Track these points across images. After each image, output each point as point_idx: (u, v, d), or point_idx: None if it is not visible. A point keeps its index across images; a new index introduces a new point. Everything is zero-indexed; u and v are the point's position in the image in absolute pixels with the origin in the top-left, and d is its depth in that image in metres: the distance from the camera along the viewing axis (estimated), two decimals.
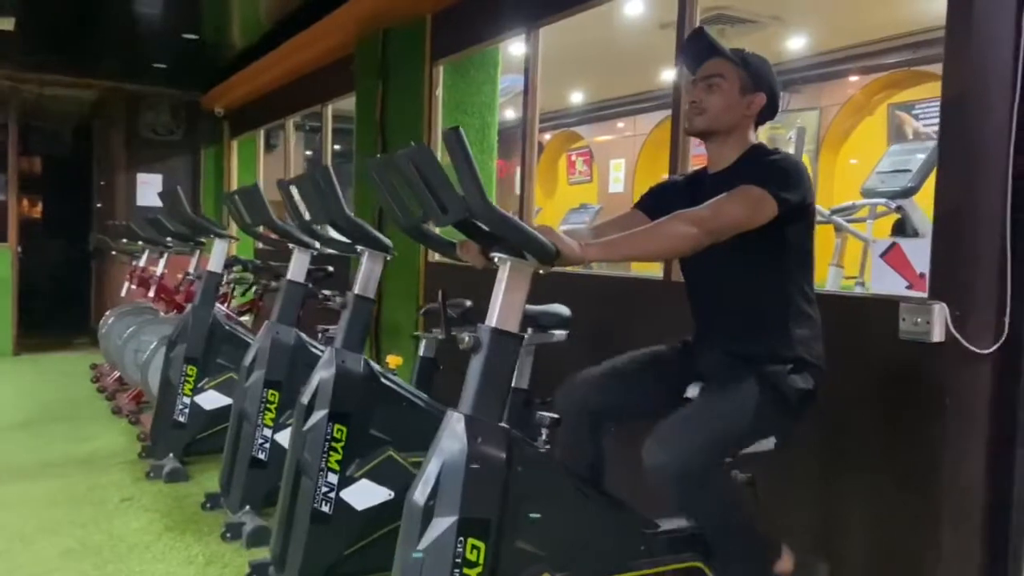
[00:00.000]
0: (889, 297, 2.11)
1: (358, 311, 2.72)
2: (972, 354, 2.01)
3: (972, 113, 2.01)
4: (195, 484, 3.77)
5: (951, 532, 2.02)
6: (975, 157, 2.01)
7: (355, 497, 2.63)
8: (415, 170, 1.50)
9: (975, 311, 2.01)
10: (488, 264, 1.82)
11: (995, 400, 2.06)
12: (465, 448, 1.63)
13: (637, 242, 1.70)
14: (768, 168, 1.84)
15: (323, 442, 2.59)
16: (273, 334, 3.31)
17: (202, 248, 5.06)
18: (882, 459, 2.12)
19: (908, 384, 2.08)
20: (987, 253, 2.02)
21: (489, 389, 1.68)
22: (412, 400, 2.79)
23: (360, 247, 2.72)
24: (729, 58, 1.96)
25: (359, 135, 5.20)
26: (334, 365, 2.64)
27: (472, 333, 1.70)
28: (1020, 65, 2.00)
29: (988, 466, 2.06)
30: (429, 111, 4.54)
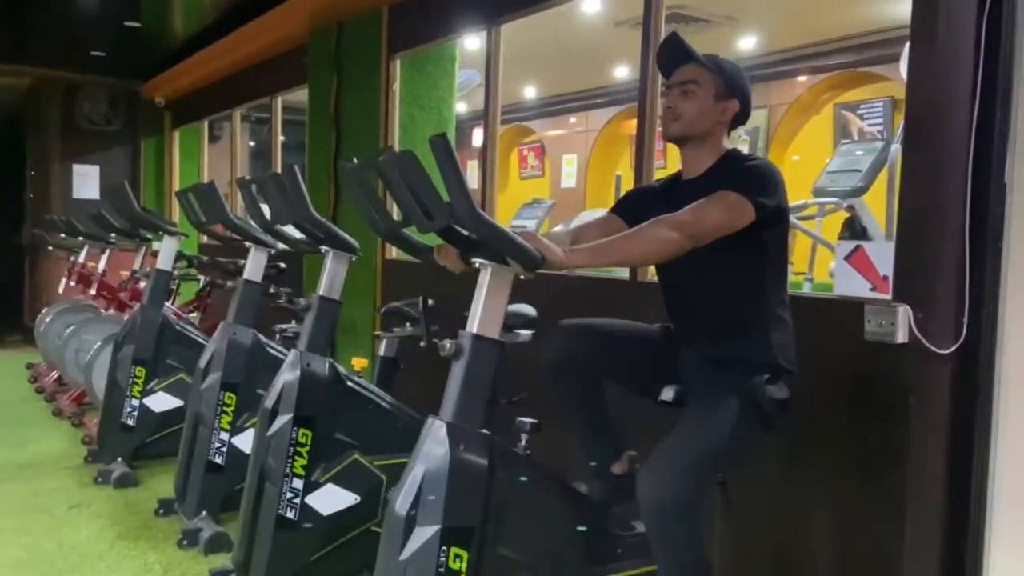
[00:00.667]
0: (854, 299, 2.17)
1: (323, 313, 2.67)
2: (933, 354, 2.07)
3: (935, 122, 2.07)
4: (146, 489, 3.66)
5: (914, 524, 2.08)
6: (937, 164, 2.07)
7: (321, 502, 2.58)
8: (399, 175, 1.47)
9: (936, 313, 2.07)
10: (466, 269, 1.80)
11: (954, 398, 2.12)
12: (448, 456, 1.61)
13: (620, 247, 1.70)
14: (745, 173, 1.86)
15: (288, 447, 2.53)
16: (230, 335, 3.24)
17: (148, 244, 4.91)
18: (849, 456, 2.18)
19: (873, 383, 2.14)
20: (948, 257, 2.08)
21: (470, 396, 1.67)
22: (378, 403, 2.75)
23: (324, 247, 2.66)
24: (704, 64, 1.97)
25: (312, 128, 5.10)
26: (298, 368, 2.59)
27: (453, 340, 1.67)
28: (979, 77, 2.06)
29: (948, 461, 2.13)
30: (386, 105, 4.48)
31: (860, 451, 2.16)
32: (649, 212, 2.08)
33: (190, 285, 5.84)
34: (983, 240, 2.09)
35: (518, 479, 1.71)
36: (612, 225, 2.07)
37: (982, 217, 2.09)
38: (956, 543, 2.13)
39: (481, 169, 3.86)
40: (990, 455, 2.03)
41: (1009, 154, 2.09)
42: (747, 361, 1.92)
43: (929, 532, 2.12)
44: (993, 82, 2.06)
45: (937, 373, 2.11)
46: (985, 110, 2.07)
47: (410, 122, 4.58)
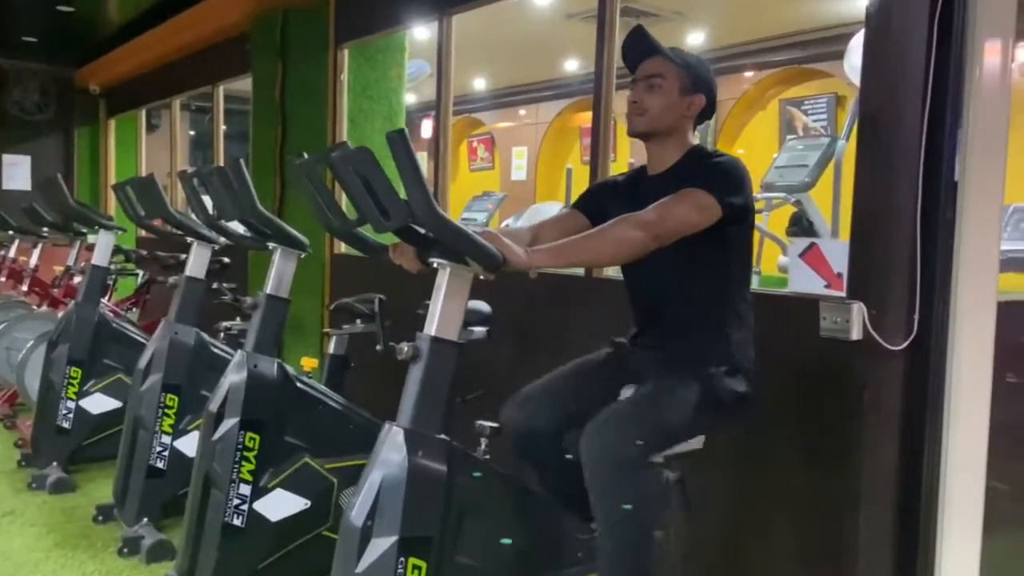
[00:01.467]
0: (810, 296, 2.18)
1: (271, 312, 2.58)
2: (886, 351, 2.09)
3: (888, 121, 2.08)
4: (83, 495, 3.51)
5: (868, 515, 2.11)
6: (890, 163, 2.08)
7: (269, 508, 2.50)
8: (353, 172, 1.41)
9: (889, 310, 2.09)
10: (423, 269, 1.75)
11: (906, 393, 2.15)
12: (405, 464, 1.56)
13: (584, 247, 1.67)
14: (712, 171, 1.84)
15: (234, 452, 2.45)
16: (171, 334, 3.12)
17: (83, 239, 4.72)
18: (805, 450, 2.19)
19: (828, 379, 2.15)
20: (900, 255, 2.10)
21: (429, 400, 1.62)
22: (329, 404, 2.67)
23: (272, 244, 2.58)
24: (670, 58, 1.95)
25: (256, 119, 4.96)
26: (245, 370, 2.50)
27: (411, 343, 1.62)
28: (930, 77, 2.08)
29: (900, 454, 2.15)
30: (334, 96, 4.37)
31: (815, 444, 2.18)
32: (612, 208, 2.06)
33: (127, 281, 5.64)
34: (934, 238, 2.11)
35: (477, 485, 1.67)
36: (574, 221, 2.04)
37: (933, 215, 2.11)
38: (908, 531, 2.16)
39: (433, 161, 3.79)
40: (942, 447, 2.06)
41: (959, 153, 2.11)
42: (704, 356, 1.91)
43: (882, 521, 2.14)
44: (944, 82, 2.08)
45: (889, 369, 2.13)
46: (936, 109, 2.08)
47: (359, 113, 4.48)
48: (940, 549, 2.06)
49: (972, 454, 2.06)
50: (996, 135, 2.04)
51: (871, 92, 2.10)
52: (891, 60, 2.08)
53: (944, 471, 2.07)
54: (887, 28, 2.07)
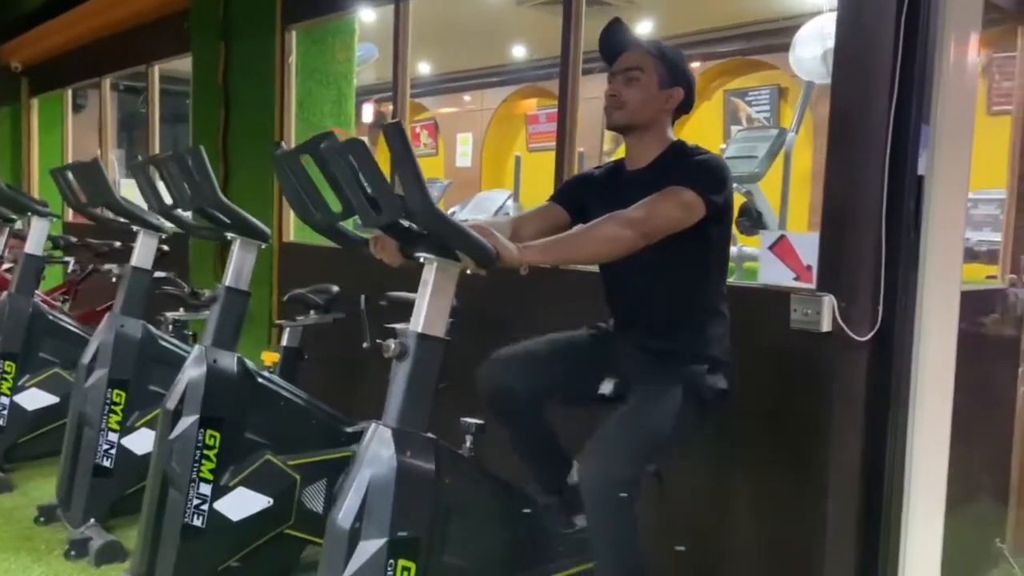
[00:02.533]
0: (781, 288, 2.20)
1: (230, 305, 2.49)
2: (853, 342, 2.13)
3: (857, 118, 2.11)
4: (22, 495, 3.35)
5: (835, 501, 2.15)
6: (860, 158, 2.12)
7: (231, 508, 2.42)
8: (345, 165, 1.35)
9: (856, 302, 2.13)
10: (405, 263, 1.70)
11: (870, 383, 2.20)
12: (394, 464, 1.52)
13: (574, 245, 1.65)
14: (695, 168, 1.84)
15: (194, 450, 2.36)
16: (117, 327, 2.99)
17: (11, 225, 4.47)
18: (775, 440, 2.22)
19: (798, 370, 2.18)
20: (867, 248, 2.14)
21: (416, 398, 1.58)
22: (291, 399, 2.60)
23: (231, 234, 2.48)
24: (648, 51, 1.93)
25: (197, 101, 4.77)
26: (204, 365, 2.41)
27: (397, 339, 1.58)
28: (898, 73, 2.12)
29: (864, 442, 2.20)
30: (281, 79, 4.23)
31: (785, 436, 2.21)
32: (591, 201, 2.05)
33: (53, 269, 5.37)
34: (899, 231, 2.16)
35: (464, 484, 1.64)
36: (553, 214, 2.02)
37: (898, 208, 2.16)
38: (870, 519, 2.22)
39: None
40: (907, 435, 2.12)
41: (925, 147, 2.16)
42: (686, 353, 1.92)
43: (847, 510, 2.19)
44: (910, 78, 2.12)
45: (855, 359, 2.17)
46: (903, 105, 2.13)
47: (308, 97, 4.35)
48: (906, 536, 2.12)
49: (936, 442, 2.13)
50: (962, 130, 2.09)
51: (842, 87, 2.13)
52: (861, 56, 2.11)
53: (909, 459, 2.13)
54: (858, 24, 2.10)
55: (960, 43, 2.07)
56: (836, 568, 2.18)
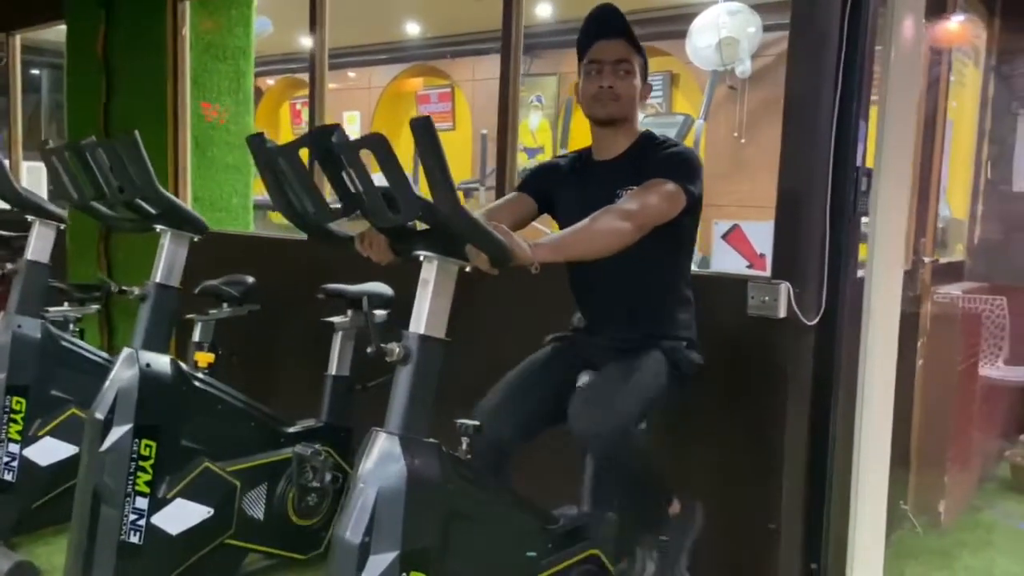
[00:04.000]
0: (739, 276, 2.27)
1: (161, 303, 2.30)
2: (804, 326, 2.23)
3: (807, 110, 2.19)
4: None
5: (788, 477, 2.26)
6: (810, 148, 2.20)
7: (169, 521, 2.26)
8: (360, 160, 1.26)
9: (807, 288, 2.23)
10: (395, 261, 1.62)
11: (816, 366, 2.31)
12: (404, 473, 1.45)
13: (581, 241, 1.61)
14: (673, 160, 1.85)
15: (128, 463, 2.18)
16: (14, 328, 2.71)
17: None
18: (734, 422, 2.29)
19: (754, 354, 2.25)
20: (816, 236, 2.23)
21: (419, 403, 1.51)
22: (228, 402, 2.45)
23: (160, 226, 2.28)
24: (634, 44, 1.92)
25: (73, 75, 4.36)
26: (136, 370, 2.22)
27: (400, 343, 1.50)
28: (841, 66, 2.21)
29: (811, 421, 2.31)
30: (175, 53, 3.93)
31: (744, 417, 2.28)
32: (557, 191, 2.03)
33: None
34: (842, 219, 2.27)
35: (465, 488, 1.59)
36: (523, 204, 1.99)
37: (841, 198, 2.26)
38: (816, 490, 2.33)
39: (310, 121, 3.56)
40: (856, 415, 2.24)
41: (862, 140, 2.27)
42: (660, 337, 1.95)
43: (797, 484, 2.30)
44: (852, 74, 2.22)
45: (804, 343, 2.27)
46: (846, 98, 2.22)
47: (203, 73, 4.07)
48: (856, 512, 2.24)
49: (880, 416, 2.26)
50: (904, 123, 2.21)
51: (794, 79, 2.20)
52: (811, 49, 2.18)
53: (858, 434, 2.25)
54: (810, 18, 2.17)
55: (903, 42, 2.18)
56: (789, 533, 2.29)
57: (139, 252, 3.99)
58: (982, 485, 3.94)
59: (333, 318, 2.76)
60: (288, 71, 8.31)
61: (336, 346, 2.76)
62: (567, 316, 2.19)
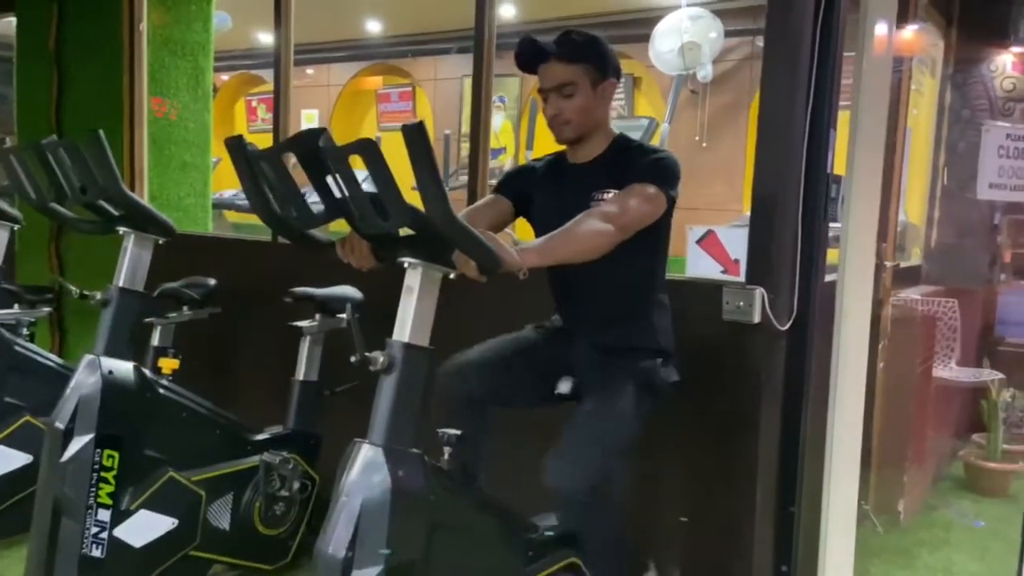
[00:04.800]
0: (714, 282, 2.28)
1: (124, 308, 2.23)
2: (776, 331, 2.25)
3: (782, 118, 2.20)
4: None
5: (762, 481, 2.27)
6: (785, 155, 2.22)
7: (133, 533, 2.19)
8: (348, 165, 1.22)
9: (780, 294, 2.25)
10: (376, 267, 1.58)
11: (788, 369, 2.33)
12: (388, 486, 1.42)
13: (567, 244, 1.60)
14: (655, 165, 1.85)
15: (90, 474, 2.10)
16: None
17: None
18: (707, 428, 2.29)
19: (729, 359, 2.26)
20: (789, 242, 2.26)
21: (404, 413, 1.47)
22: (193, 409, 2.38)
23: (123, 228, 2.21)
24: (568, 57, 1.87)
25: (23, 71, 4.21)
26: (98, 377, 2.14)
27: (384, 352, 1.46)
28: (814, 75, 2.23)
29: (783, 422, 2.33)
30: (131, 49, 3.82)
31: (719, 420, 2.29)
32: (535, 194, 2.02)
33: None
34: (814, 225, 2.29)
35: (447, 499, 1.56)
36: (501, 207, 1.98)
37: (813, 205, 2.29)
38: (787, 487, 2.35)
39: (274, 121, 3.49)
40: (828, 418, 2.27)
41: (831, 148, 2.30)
42: (637, 347, 1.95)
43: (770, 482, 2.31)
44: (824, 78, 2.25)
45: (777, 347, 2.29)
46: (818, 104, 2.24)
47: (160, 69, 3.97)
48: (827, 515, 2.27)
49: (852, 418, 2.30)
50: (876, 130, 2.24)
51: (769, 87, 2.21)
52: (786, 57, 2.19)
53: (830, 437, 2.28)
54: (785, 25, 2.19)
55: (876, 49, 2.22)
56: (762, 535, 2.30)
57: (92, 252, 3.86)
58: (937, 484, 4.04)
59: (301, 322, 2.70)
60: (244, 67, 8.15)
61: (304, 350, 2.71)
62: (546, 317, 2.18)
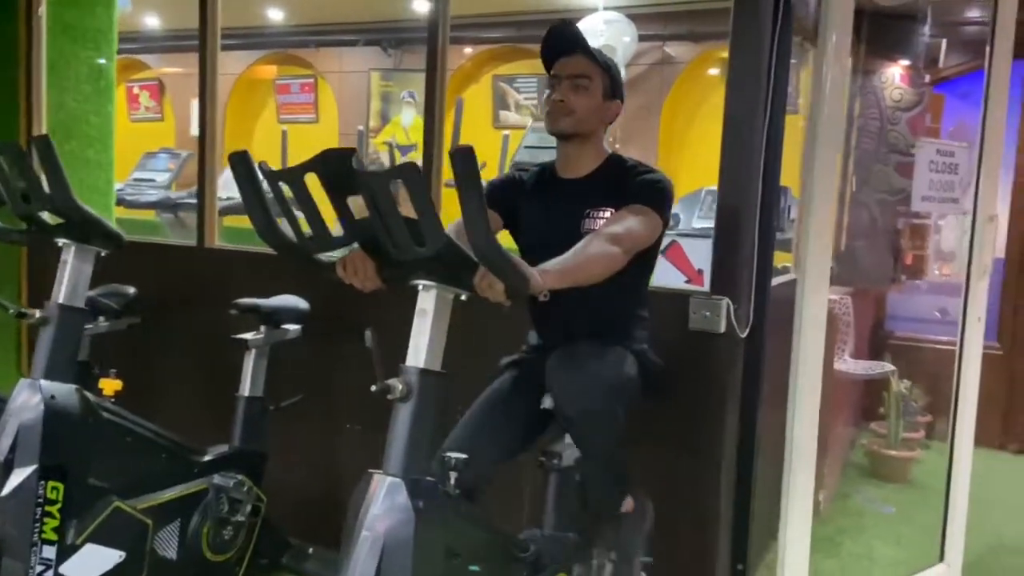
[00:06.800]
0: (681, 292, 2.32)
1: (65, 327, 2.04)
2: (738, 339, 2.32)
3: (744, 131, 2.27)
4: None
5: (725, 485, 2.36)
6: (747, 171, 2.28)
7: (79, 569, 2.04)
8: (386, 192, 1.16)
9: (742, 303, 2.32)
10: (380, 287, 1.52)
11: (745, 374, 2.41)
12: (412, 519, 1.36)
13: (583, 268, 1.58)
14: (651, 187, 1.86)
15: (34, 508, 1.92)
16: None
17: None
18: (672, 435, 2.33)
19: (695, 367, 2.31)
20: (748, 252, 2.33)
21: (422, 442, 1.42)
22: (138, 433, 2.22)
23: (63, 240, 2.02)
24: (595, 59, 1.90)
25: None
26: (40, 403, 1.96)
27: (401, 379, 1.40)
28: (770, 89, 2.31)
29: (741, 423, 2.41)
30: (28, 37, 3.52)
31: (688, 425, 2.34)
32: (522, 206, 2.01)
33: None
34: (769, 235, 2.38)
35: (463, 527, 1.53)
36: (493, 220, 1.93)
37: (768, 216, 2.37)
38: (742, 481, 2.43)
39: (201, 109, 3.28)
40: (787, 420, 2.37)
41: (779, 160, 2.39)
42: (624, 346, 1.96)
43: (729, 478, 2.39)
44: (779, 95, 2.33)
45: (737, 354, 2.36)
46: (774, 118, 2.32)
47: (60, 59, 3.66)
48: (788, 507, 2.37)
49: (810, 427, 2.40)
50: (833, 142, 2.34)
51: (733, 102, 2.27)
52: (748, 74, 2.26)
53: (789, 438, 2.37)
54: (746, 43, 2.25)
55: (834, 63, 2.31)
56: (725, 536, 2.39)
57: None
58: (845, 473, 4.29)
59: (246, 335, 2.57)
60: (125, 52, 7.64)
61: (249, 365, 2.58)
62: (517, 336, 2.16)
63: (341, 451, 2.91)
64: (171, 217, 6.94)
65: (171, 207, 6.89)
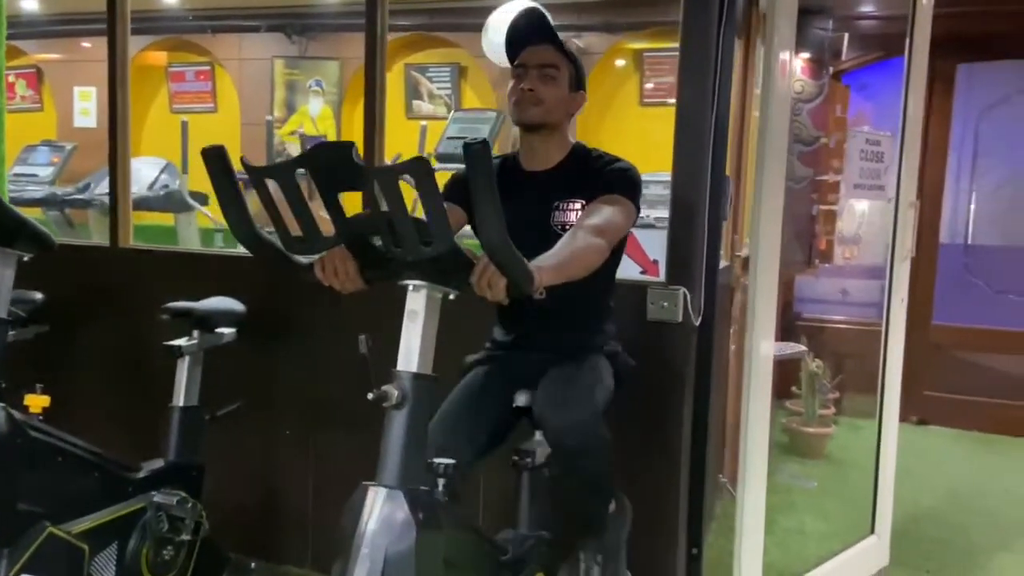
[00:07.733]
0: (638, 283, 2.32)
1: None
2: (692, 327, 2.35)
3: (696, 121, 2.29)
4: None
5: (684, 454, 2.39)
6: (698, 161, 2.30)
7: None
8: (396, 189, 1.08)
9: (696, 292, 2.34)
10: (363, 288, 1.44)
11: (698, 362, 2.44)
12: (413, 531, 1.29)
13: (575, 261, 1.55)
14: (625, 177, 1.85)
15: None
16: None
17: None
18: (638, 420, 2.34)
19: (654, 357, 2.31)
20: (699, 242, 2.35)
21: (416, 449, 1.36)
22: (69, 452, 2.05)
23: None
24: (563, 50, 1.87)
25: None
26: None
27: (395, 385, 1.33)
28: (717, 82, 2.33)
29: (694, 408, 2.44)
30: None
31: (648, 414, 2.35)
32: None
33: None
34: (716, 224, 2.41)
35: (456, 534, 1.47)
36: (456, 216, 1.88)
37: (716, 206, 2.40)
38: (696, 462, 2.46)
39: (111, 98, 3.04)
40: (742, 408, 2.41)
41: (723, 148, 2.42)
42: (596, 345, 1.97)
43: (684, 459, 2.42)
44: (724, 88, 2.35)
45: (691, 343, 2.39)
46: (720, 112, 2.35)
47: None
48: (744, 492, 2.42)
49: (762, 413, 2.45)
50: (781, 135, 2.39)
51: (685, 92, 2.28)
52: (699, 64, 2.27)
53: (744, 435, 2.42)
54: (699, 33, 2.26)
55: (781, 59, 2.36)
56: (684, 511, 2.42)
57: None
58: None
59: (178, 340, 2.41)
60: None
61: (183, 373, 2.42)
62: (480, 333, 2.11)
63: (279, 458, 2.79)
64: (58, 215, 6.49)
65: (58, 204, 6.44)
